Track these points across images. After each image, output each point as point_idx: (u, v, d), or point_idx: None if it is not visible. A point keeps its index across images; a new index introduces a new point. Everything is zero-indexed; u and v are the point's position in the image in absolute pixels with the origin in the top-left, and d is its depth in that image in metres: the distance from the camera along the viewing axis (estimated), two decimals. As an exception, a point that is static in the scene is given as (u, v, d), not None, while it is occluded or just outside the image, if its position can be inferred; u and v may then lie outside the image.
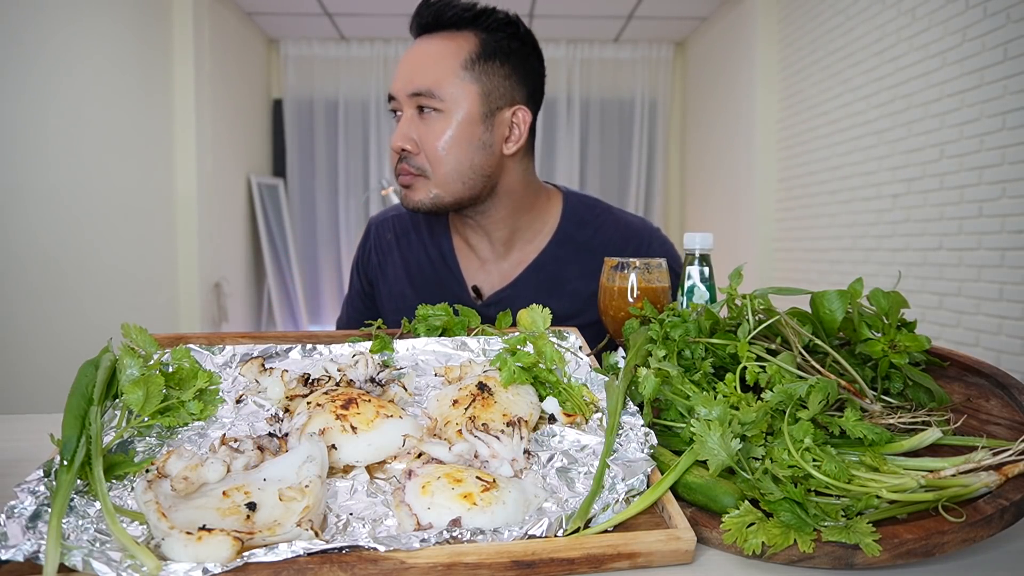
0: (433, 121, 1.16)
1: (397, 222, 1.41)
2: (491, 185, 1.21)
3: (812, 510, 0.56)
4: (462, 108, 1.15)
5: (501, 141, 1.20)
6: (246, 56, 4.99)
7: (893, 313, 0.76)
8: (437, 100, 1.15)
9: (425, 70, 1.16)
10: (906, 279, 2.91)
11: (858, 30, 3.26)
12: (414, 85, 1.16)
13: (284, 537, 0.53)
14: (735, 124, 4.49)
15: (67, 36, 2.98)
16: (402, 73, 1.19)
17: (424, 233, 1.37)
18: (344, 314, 1.50)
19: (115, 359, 0.74)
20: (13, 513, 0.54)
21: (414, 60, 1.18)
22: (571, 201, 1.33)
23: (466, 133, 1.16)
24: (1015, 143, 2.38)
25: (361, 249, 1.46)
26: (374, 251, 1.42)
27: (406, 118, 1.18)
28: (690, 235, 0.99)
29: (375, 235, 1.43)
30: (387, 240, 1.41)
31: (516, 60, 1.20)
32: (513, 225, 1.28)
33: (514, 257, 1.31)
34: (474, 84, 1.16)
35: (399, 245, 1.39)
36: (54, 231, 2.92)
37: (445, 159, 1.16)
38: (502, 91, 1.18)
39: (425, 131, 1.16)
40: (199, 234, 4.08)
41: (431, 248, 1.35)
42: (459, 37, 1.18)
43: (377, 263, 1.41)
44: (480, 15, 1.18)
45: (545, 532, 0.55)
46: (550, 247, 1.29)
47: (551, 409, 0.77)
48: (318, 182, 5.58)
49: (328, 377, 0.80)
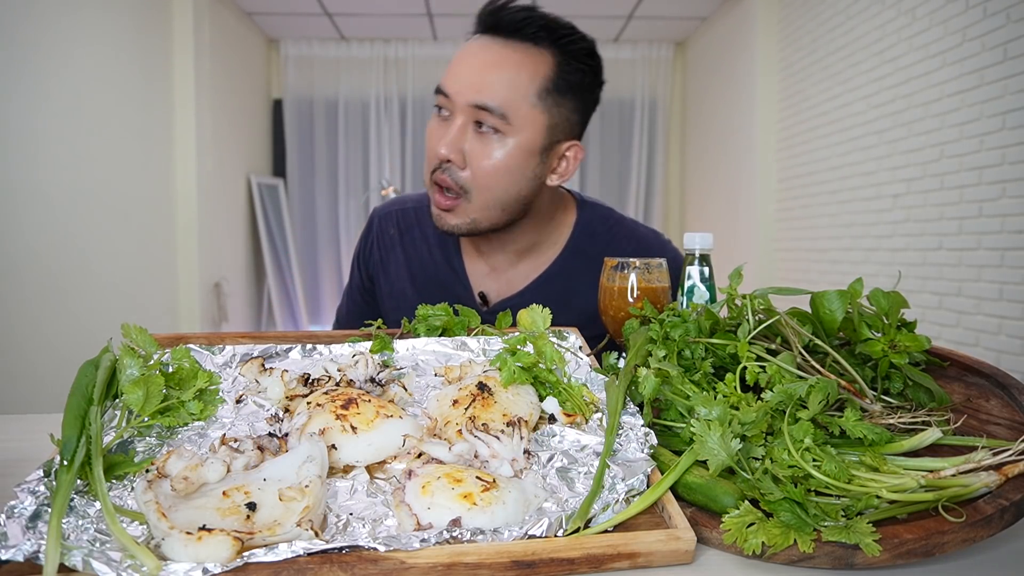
0: (490, 140, 1.07)
1: (401, 217, 1.35)
2: (526, 211, 1.17)
3: (812, 510, 0.56)
4: (525, 136, 1.07)
5: (548, 173, 1.14)
6: (246, 56, 4.99)
7: (893, 313, 0.76)
8: (502, 121, 1.06)
9: (497, 85, 1.05)
10: (906, 279, 2.91)
11: (858, 30, 3.26)
12: (481, 96, 1.05)
13: (284, 537, 0.53)
14: (735, 124, 4.49)
15: (66, 35, 2.98)
16: (466, 75, 1.08)
17: (430, 231, 1.32)
18: (344, 305, 1.46)
19: (115, 359, 0.74)
20: (13, 513, 0.54)
21: (483, 66, 1.07)
22: (584, 211, 1.29)
23: (521, 162, 1.09)
24: (1015, 143, 2.38)
25: (363, 242, 1.40)
26: (376, 246, 1.36)
27: (458, 126, 1.08)
28: (690, 235, 0.99)
29: (378, 229, 1.37)
30: (390, 235, 1.35)
31: (585, 95, 1.14)
32: (532, 239, 1.24)
33: (525, 266, 1.27)
34: (543, 115, 1.08)
35: (402, 242, 1.33)
36: (54, 231, 2.92)
37: (493, 185, 1.09)
38: (565, 126, 1.12)
39: (479, 149, 1.07)
40: (199, 234, 4.08)
41: (436, 249, 1.31)
42: (537, 55, 1.08)
43: (379, 259, 1.36)
44: (564, 38, 1.09)
45: (545, 532, 0.55)
46: (561, 259, 1.26)
47: (551, 409, 0.77)
48: (318, 182, 5.58)
49: (328, 377, 0.80)
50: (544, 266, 1.26)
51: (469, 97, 1.06)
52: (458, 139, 1.08)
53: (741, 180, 4.39)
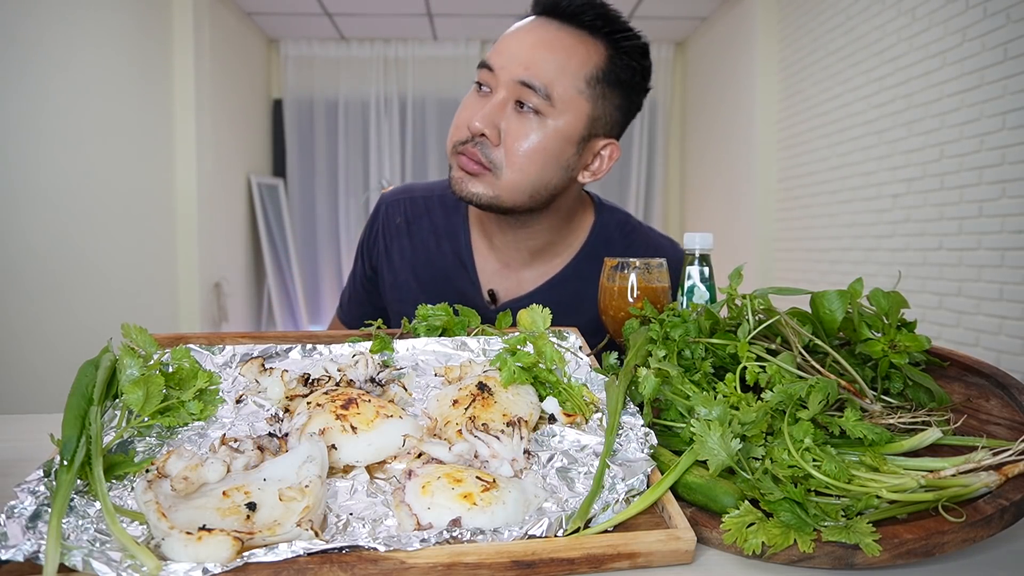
0: (529, 121, 1.04)
1: (410, 205, 1.30)
2: (551, 202, 1.14)
3: (812, 510, 0.56)
4: (566, 122, 1.05)
5: (581, 167, 1.12)
6: (246, 56, 4.99)
7: (893, 313, 0.76)
8: (545, 101, 1.03)
9: (546, 63, 1.03)
10: (906, 279, 2.91)
11: (858, 30, 3.26)
12: (528, 73, 1.02)
13: (284, 537, 0.53)
14: (735, 124, 4.49)
15: (67, 36, 2.98)
16: (516, 51, 1.04)
17: (439, 221, 1.27)
18: (346, 291, 1.42)
19: (115, 359, 0.74)
20: (13, 513, 0.54)
21: (535, 44, 1.04)
22: (602, 215, 1.26)
23: (558, 149, 1.06)
24: (1015, 143, 2.38)
25: (369, 229, 1.35)
26: (382, 234, 1.31)
27: (497, 101, 1.04)
28: (690, 235, 0.99)
29: (384, 216, 1.32)
30: (396, 224, 1.30)
31: (631, 94, 1.11)
32: (549, 238, 1.21)
33: (538, 266, 1.24)
34: (588, 103, 1.06)
35: (409, 231, 1.28)
36: (54, 231, 2.92)
37: (526, 167, 1.05)
38: (606, 121, 1.10)
39: (517, 128, 1.04)
40: (199, 234, 4.08)
41: (445, 241, 1.26)
42: (590, 44, 1.06)
43: (383, 248, 1.31)
44: (619, 31, 1.07)
45: (545, 532, 0.55)
46: (575, 262, 1.23)
47: (551, 409, 0.77)
48: (318, 182, 5.58)
49: (328, 377, 0.80)
50: (557, 268, 1.24)
51: (515, 73, 1.03)
52: (496, 114, 1.04)
53: (741, 180, 4.39)
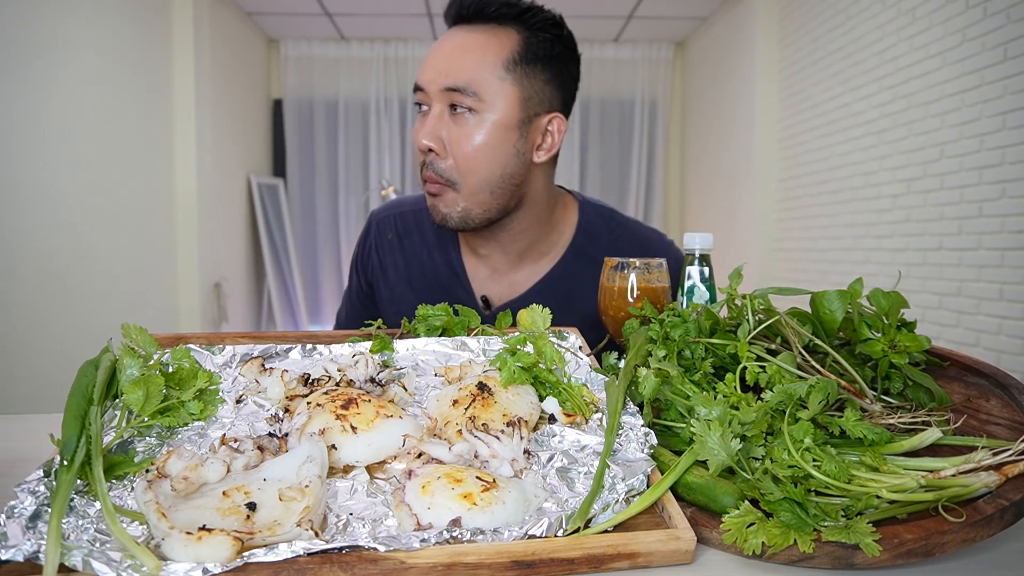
0: (466, 122, 1.08)
1: (399, 221, 1.34)
2: (519, 196, 1.16)
3: (812, 510, 0.56)
4: (499, 111, 1.08)
5: (533, 149, 1.14)
6: (246, 56, 4.99)
7: (893, 313, 0.76)
8: (474, 99, 1.07)
9: (463, 64, 1.08)
10: (906, 279, 2.91)
11: (858, 30, 3.26)
12: (450, 79, 1.08)
13: (284, 537, 0.53)
14: (735, 124, 4.49)
15: (66, 35, 2.98)
16: (435, 63, 1.10)
17: (429, 235, 1.31)
18: (343, 309, 1.45)
19: (115, 359, 0.74)
20: (13, 513, 0.54)
21: (451, 51, 1.10)
22: (586, 211, 1.28)
23: (500, 138, 1.09)
24: (1015, 143, 2.38)
25: (361, 246, 1.39)
26: (374, 250, 1.35)
27: (434, 114, 1.10)
28: (690, 235, 0.99)
29: (375, 233, 1.36)
30: (388, 239, 1.34)
31: (558, 65, 1.14)
32: (532, 237, 1.23)
33: (527, 268, 1.26)
34: (514, 86, 1.09)
35: (401, 246, 1.32)
36: (54, 231, 2.92)
37: (476, 166, 1.09)
38: (541, 97, 1.12)
39: (456, 132, 1.09)
40: (199, 234, 4.08)
41: (436, 251, 1.29)
42: (501, 33, 1.10)
43: (378, 263, 1.35)
44: (526, 12, 1.11)
45: (545, 532, 0.55)
46: (564, 261, 1.25)
47: (551, 409, 0.77)
48: (318, 182, 5.58)
49: (328, 377, 0.80)
50: (547, 268, 1.25)
51: (440, 82, 1.08)
52: (436, 127, 1.09)
53: (741, 180, 4.39)
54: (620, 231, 1.28)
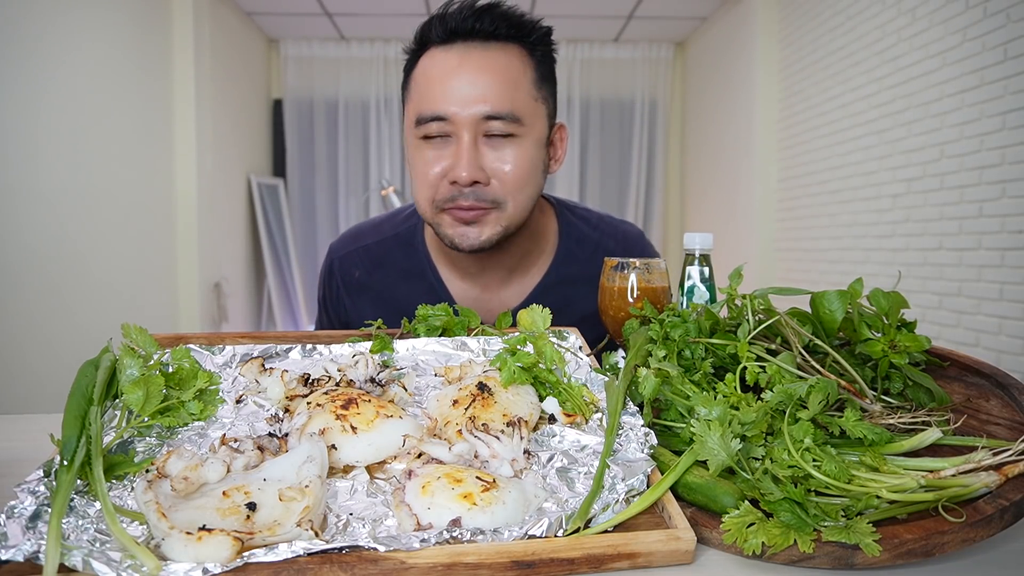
0: (506, 147, 1.04)
1: (364, 256, 1.26)
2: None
3: (812, 510, 0.56)
4: (536, 131, 1.06)
5: (550, 161, 1.14)
6: (246, 56, 4.99)
7: (893, 313, 0.76)
8: (516, 125, 1.02)
9: (501, 88, 1.02)
10: (906, 279, 2.91)
11: (858, 30, 3.26)
12: (490, 105, 1.01)
13: (284, 537, 0.53)
14: (735, 124, 4.49)
15: (66, 35, 2.98)
16: (462, 91, 1.02)
17: (400, 264, 1.24)
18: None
19: (115, 359, 0.74)
20: (13, 513, 0.54)
21: (479, 76, 1.02)
22: (564, 215, 1.26)
23: (537, 158, 1.07)
24: (1015, 143, 2.38)
25: (326, 287, 1.31)
26: (343, 291, 1.28)
27: (468, 144, 1.02)
28: (690, 235, 0.99)
29: (340, 272, 1.28)
30: (355, 278, 1.27)
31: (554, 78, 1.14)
32: (524, 249, 1.20)
33: (516, 281, 1.23)
34: (543, 105, 1.08)
35: (371, 282, 1.25)
36: (54, 231, 2.92)
37: (523, 188, 1.06)
38: (554, 112, 1.13)
39: (498, 159, 1.04)
40: (199, 234, 4.08)
41: (414, 280, 1.23)
42: (515, 52, 1.06)
43: (350, 304, 1.28)
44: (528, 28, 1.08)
45: (545, 532, 0.55)
46: (554, 267, 1.23)
47: (551, 409, 0.77)
48: (318, 182, 5.58)
49: (328, 377, 0.80)
50: (537, 278, 1.24)
51: (476, 110, 1.01)
52: (474, 157, 1.02)
53: (741, 180, 4.39)
54: (603, 227, 1.28)
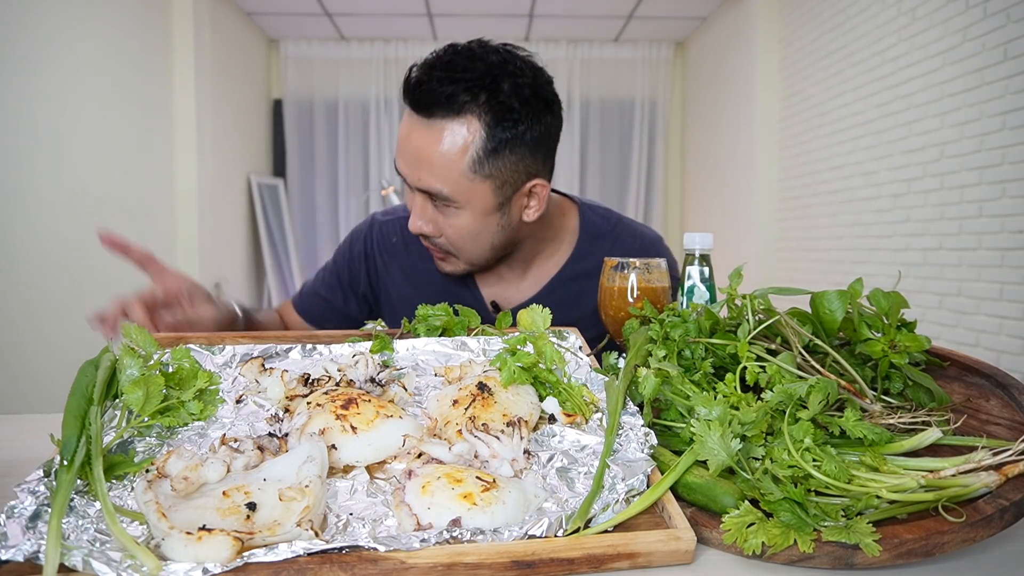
0: (449, 213, 1.11)
1: (404, 228, 1.32)
2: (517, 242, 1.22)
3: (812, 510, 0.56)
4: (475, 206, 1.09)
5: (519, 214, 1.16)
6: (246, 56, 4.99)
7: (893, 313, 0.76)
8: (448, 202, 1.09)
9: (431, 169, 1.06)
10: (906, 279, 2.91)
11: (858, 30, 3.26)
12: (423, 183, 1.08)
13: (284, 537, 0.53)
14: (735, 124, 4.49)
15: (66, 36, 2.98)
16: (405, 160, 1.10)
17: None
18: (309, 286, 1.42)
19: (115, 359, 0.74)
20: (13, 513, 0.54)
21: (414, 152, 1.07)
22: (586, 213, 1.32)
23: (484, 224, 1.12)
24: (1015, 143, 2.38)
25: (361, 243, 1.37)
26: (378, 251, 1.36)
27: (419, 203, 1.12)
28: (690, 235, 0.99)
29: (379, 234, 1.36)
30: (392, 243, 1.35)
31: (528, 137, 1.07)
32: (534, 250, 1.27)
33: (534, 272, 1.30)
34: (485, 181, 1.07)
35: (408, 252, 1.33)
36: (54, 231, 2.92)
37: (468, 244, 1.15)
38: (516, 176, 1.10)
39: (443, 222, 1.12)
40: (199, 234, 4.08)
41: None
42: (460, 126, 1.04)
43: (383, 265, 1.35)
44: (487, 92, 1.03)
45: (545, 532, 0.55)
46: (571, 262, 1.29)
47: (551, 409, 0.77)
48: (318, 182, 5.58)
49: (328, 377, 0.80)
50: (554, 271, 1.29)
51: (413, 180, 1.10)
52: (422, 215, 1.12)
53: (741, 180, 4.39)
54: (620, 228, 1.33)
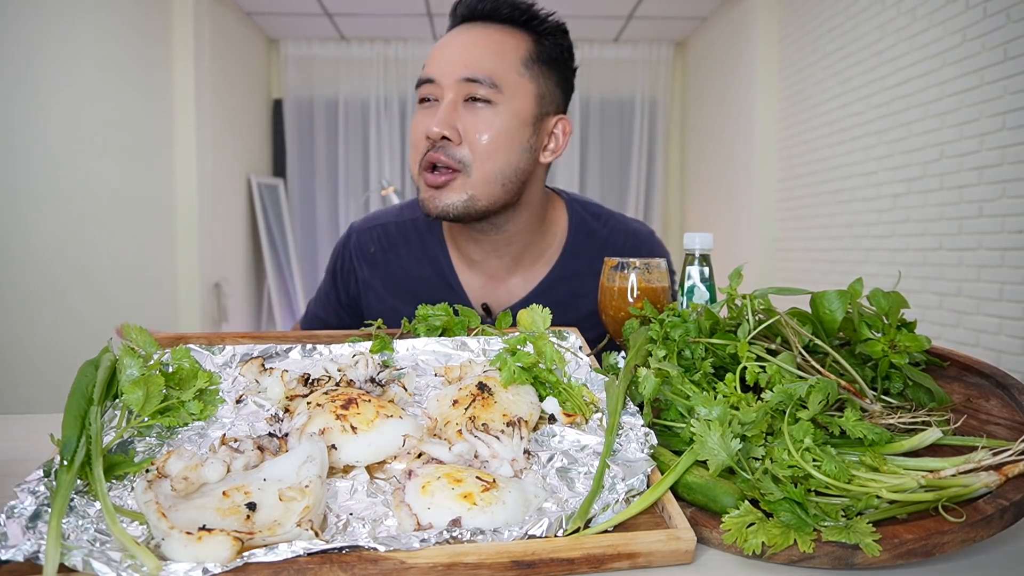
0: (484, 112, 1.08)
1: (383, 234, 1.30)
2: (519, 193, 1.15)
3: (812, 510, 0.56)
4: (517, 104, 1.10)
5: (541, 148, 1.16)
6: (246, 56, 4.99)
7: (893, 313, 0.76)
8: (494, 90, 1.07)
9: (483, 56, 1.09)
10: (906, 279, 2.91)
11: (858, 30, 3.26)
12: (470, 69, 1.07)
13: (284, 537, 0.53)
14: (735, 124, 4.49)
15: (67, 36, 2.98)
16: (451, 55, 1.10)
17: (416, 247, 1.28)
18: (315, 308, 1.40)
19: (115, 359, 0.74)
20: (13, 513, 0.54)
21: (468, 44, 1.11)
22: (575, 209, 1.29)
23: (516, 132, 1.10)
24: (1015, 143, 2.38)
25: (340, 257, 1.35)
26: (356, 263, 1.32)
27: (448, 103, 1.08)
28: (690, 235, 0.99)
29: (356, 244, 1.32)
30: (370, 253, 1.31)
31: (564, 70, 1.18)
32: (526, 240, 1.23)
33: (523, 272, 1.25)
34: (532, 83, 1.12)
35: (386, 260, 1.29)
36: (54, 231, 2.92)
37: (493, 155, 1.08)
38: (552, 97, 1.16)
39: (473, 121, 1.08)
40: (199, 234, 4.08)
41: (425, 264, 1.27)
42: (515, 33, 1.13)
43: (362, 277, 1.31)
44: (535, 17, 1.14)
45: (545, 532, 0.55)
46: (562, 261, 1.25)
47: (551, 409, 0.77)
48: (318, 182, 5.58)
49: (328, 377, 0.80)
50: (544, 271, 1.25)
51: (458, 73, 1.08)
52: (450, 116, 1.07)
53: (741, 180, 4.39)
54: (612, 224, 1.30)
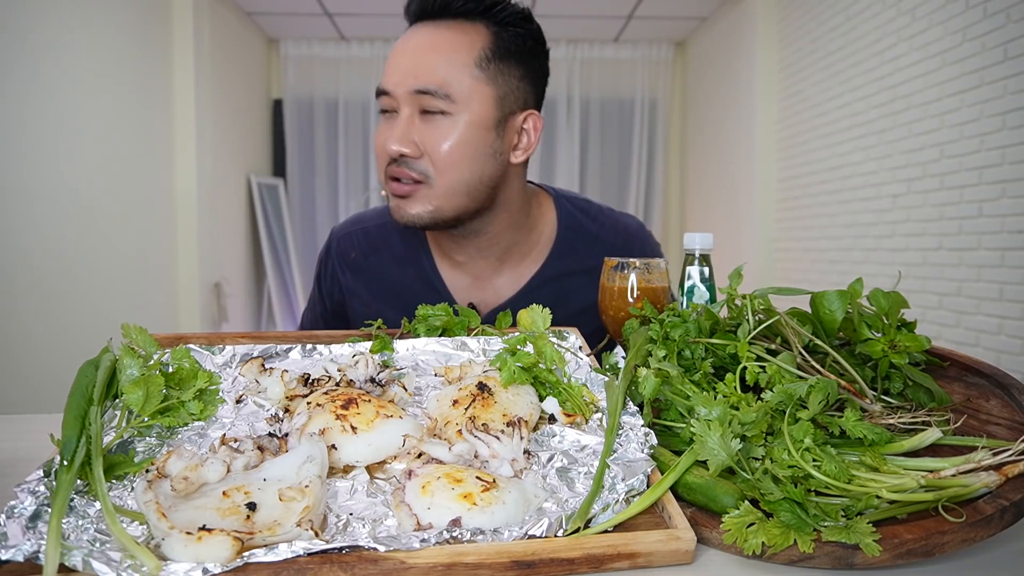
0: (441, 123, 1.03)
1: (363, 238, 1.26)
2: (493, 197, 1.11)
3: (812, 510, 0.56)
4: (474, 111, 1.03)
5: (510, 149, 1.10)
6: (246, 56, 4.99)
7: (893, 313, 0.76)
8: (446, 101, 1.02)
9: (433, 65, 1.02)
10: (906, 279, 2.91)
11: (858, 30, 3.26)
12: (419, 81, 1.02)
13: (284, 537, 0.53)
14: (735, 124, 4.49)
15: (67, 36, 2.98)
16: (401, 65, 1.04)
17: (398, 250, 1.24)
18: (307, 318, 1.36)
19: (115, 359, 0.74)
20: (13, 513, 0.54)
21: (417, 51, 1.04)
22: (564, 206, 1.24)
23: (477, 140, 1.04)
24: (1015, 143, 2.38)
25: (323, 264, 1.31)
26: (339, 270, 1.28)
27: (404, 118, 1.04)
28: (690, 235, 0.99)
29: (337, 251, 1.28)
30: (351, 259, 1.26)
31: (530, 60, 1.10)
32: (510, 240, 1.18)
33: (509, 271, 1.21)
34: (488, 85, 1.04)
35: (367, 264, 1.25)
36: (54, 231, 2.92)
37: (454, 166, 1.04)
38: (516, 94, 1.08)
39: (430, 134, 1.03)
40: (199, 234, 4.08)
41: (408, 267, 1.23)
42: (470, 29, 1.05)
43: (345, 284, 1.27)
44: (493, 6, 1.06)
45: (545, 532, 0.55)
46: (551, 259, 1.21)
47: (551, 409, 0.77)
48: (318, 182, 5.58)
49: (328, 377, 0.80)
50: (533, 268, 1.21)
51: (408, 84, 1.03)
52: (407, 131, 1.04)
53: (741, 180, 4.39)
54: (603, 220, 1.25)
